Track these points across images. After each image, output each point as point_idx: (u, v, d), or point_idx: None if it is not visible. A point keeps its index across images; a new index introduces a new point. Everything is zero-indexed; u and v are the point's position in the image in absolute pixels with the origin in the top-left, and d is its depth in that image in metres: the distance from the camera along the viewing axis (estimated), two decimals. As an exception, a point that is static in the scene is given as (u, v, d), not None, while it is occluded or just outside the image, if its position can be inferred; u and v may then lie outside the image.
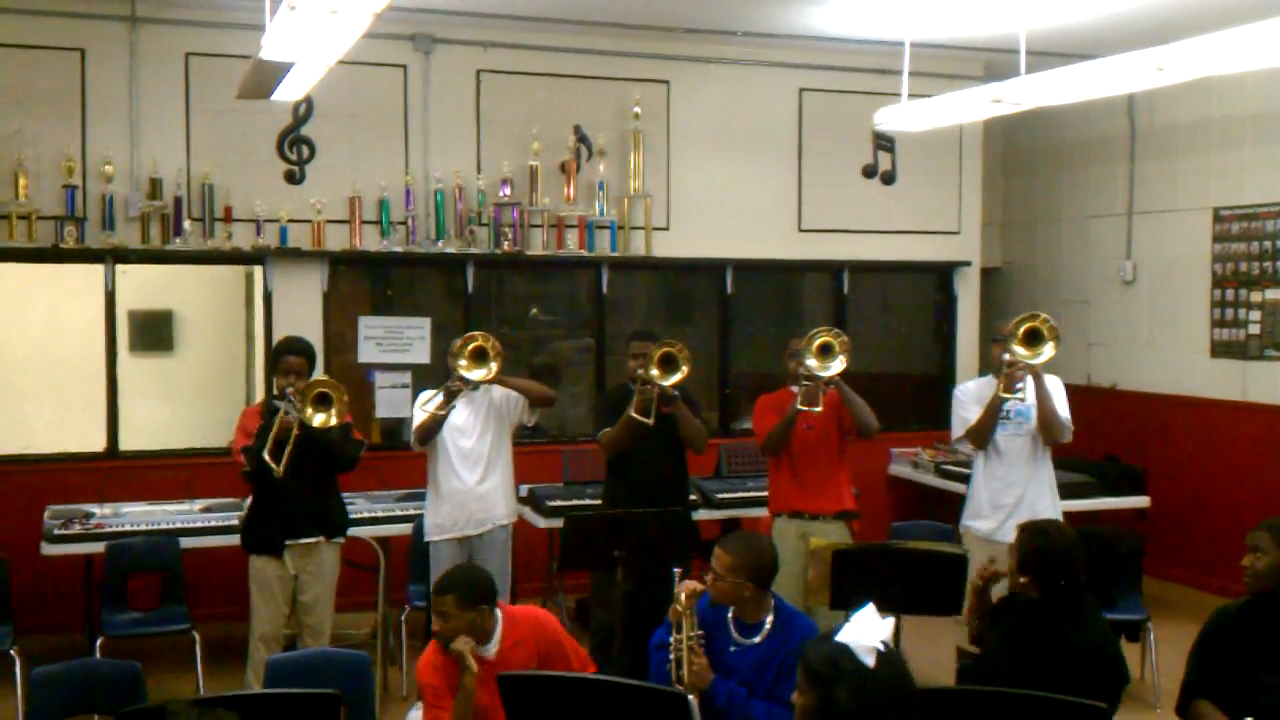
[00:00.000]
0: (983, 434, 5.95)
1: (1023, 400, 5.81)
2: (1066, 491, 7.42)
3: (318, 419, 5.43)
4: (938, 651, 5.97)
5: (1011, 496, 5.93)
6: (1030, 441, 5.95)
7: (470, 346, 5.82)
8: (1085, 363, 9.32)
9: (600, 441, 6.19)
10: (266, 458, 5.39)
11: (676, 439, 6.12)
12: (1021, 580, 4.11)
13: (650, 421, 5.86)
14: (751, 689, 4.16)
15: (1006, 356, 5.77)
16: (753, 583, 4.22)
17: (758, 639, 4.25)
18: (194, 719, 2.70)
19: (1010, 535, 5.73)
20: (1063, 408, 5.93)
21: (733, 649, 4.26)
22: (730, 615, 4.31)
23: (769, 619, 4.26)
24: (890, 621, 2.89)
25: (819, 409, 5.74)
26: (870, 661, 2.80)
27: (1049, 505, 5.87)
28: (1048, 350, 5.69)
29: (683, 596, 4.21)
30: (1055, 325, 5.73)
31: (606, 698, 3.58)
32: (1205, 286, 8.39)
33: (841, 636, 2.85)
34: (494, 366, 5.81)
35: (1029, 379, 5.79)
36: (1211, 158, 8.38)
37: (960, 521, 6.19)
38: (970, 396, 6.11)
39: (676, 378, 5.86)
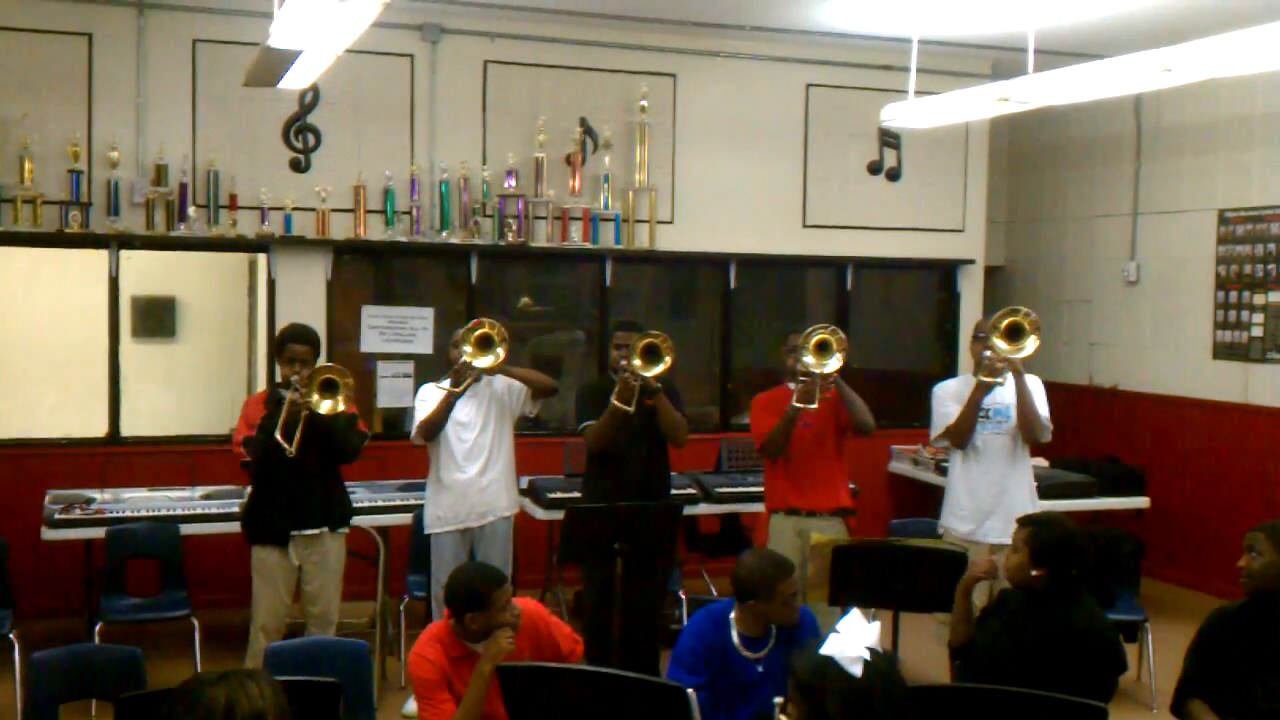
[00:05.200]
0: (963, 432, 5.88)
1: (1003, 383, 5.77)
2: (1066, 491, 7.47)
3: (324, 405, 5.40)
4: (935, 649, 5.97)
5: (990, 497, 5.88)
6: (1010, 440, 5.90)
7: (476, 333, 5.80)
8: (1087, 363, 9.31)
9: (585, 435, 6.07)
10: (279, 437, 5.37)
11: (658, 431, 6.04)
12: (1035, 573, 4.10)
13: (631, 409, 5.76)
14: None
15: (988, 353, 5.76)
16: None
17: (770, 646, 4.24)
18: (220, 695, 2.45)
19: (990, 536, 5.79)
20: (1043, 406, 5.88)
21: (760, 669, 4.24)
22: (735, 635, 4.28)
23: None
24: (876, 625, 2.87)
25: (815, 405, 5.73)
26: (857, 671, 2.80)
27: (1028, 505, 5.78)
28: (1030, 345, 5.65)
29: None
30: (1037, 319, 5.70)
31: (606, 690, 3.58)
32: (1209, 288, 8.39)
33: (827, 649, 2.84)
34: (500, 353, 5.80)
35: (1009, 376, 5.77)
36: (1218, 159, 8.37)
37: (939, 521, 6.18)
38: (950, 394, 6.05)
39: (659, 369, 5.75)
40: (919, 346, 9.61)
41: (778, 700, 3.63)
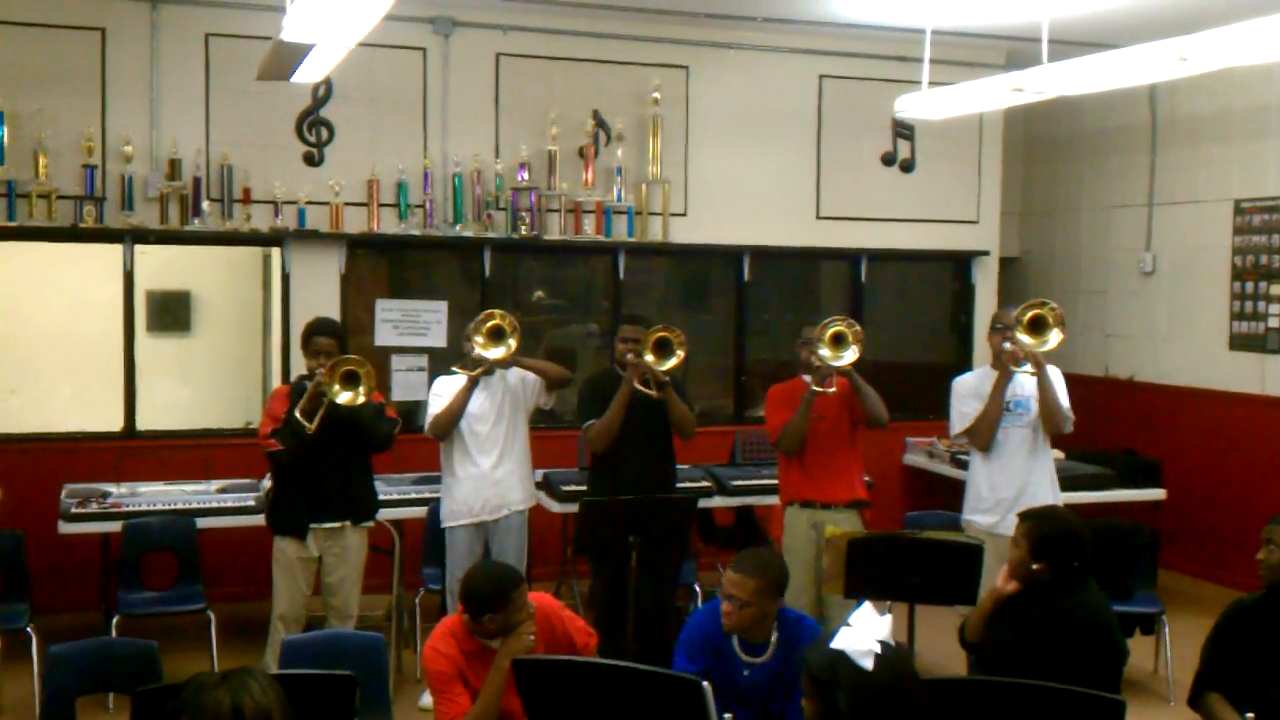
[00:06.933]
0: (988, 428, 5.88)
1: (1033, 374, 5.76)
2: (1082, 483, 7.45)
3: (344, 396, 5.41)
4: (951, 642, 5.95)
5: (1012, 489, 5.86)
6: (1031, 433, 5.90)
7: (488, 324, 5.80)
8: (1103, 354, 9.28)
9: (589, 435, 6.00)
10: (298, 415, 5.39)
11: (665, 426, 6.02)
12: (1035, 567, 4.11)
13: (654, 394, 5.76)
14: (782, 711, 4.08)
15: (1008, 346, 5.74)
16: (779, 596, 4.16)
17: (768, 655, 4.19)
18: (225, 698, 2.46)
19: (1013, 529, 5.77)
20: (1064, 396, 5.88)
21: (746, 672, 4.20)
22: (735, 637, 4.24)
23: (774, 631, 4.20)
24: (888, 619, 2.87)
25: (833, 389, 5.71)
26: (869, 665, 2.79)
27: (1049, 497, 5.79)
28: (1053, 338, 5.64)
29: None
30: (1061, 312, 5.69)
31: (620, 682, 3.58)
32: (1225, 278, 8.35)
33: (837, 643, 2.83)
34: (512, 344, 5.80)
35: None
36: (1233, 149, 8.33)
37: (961, 516, 6.17)
38: (969, 390, 6.04)
39: (671, 363, 5.75)
40: (934, 338, 9.58)
41: (727, 716, 3.62)
